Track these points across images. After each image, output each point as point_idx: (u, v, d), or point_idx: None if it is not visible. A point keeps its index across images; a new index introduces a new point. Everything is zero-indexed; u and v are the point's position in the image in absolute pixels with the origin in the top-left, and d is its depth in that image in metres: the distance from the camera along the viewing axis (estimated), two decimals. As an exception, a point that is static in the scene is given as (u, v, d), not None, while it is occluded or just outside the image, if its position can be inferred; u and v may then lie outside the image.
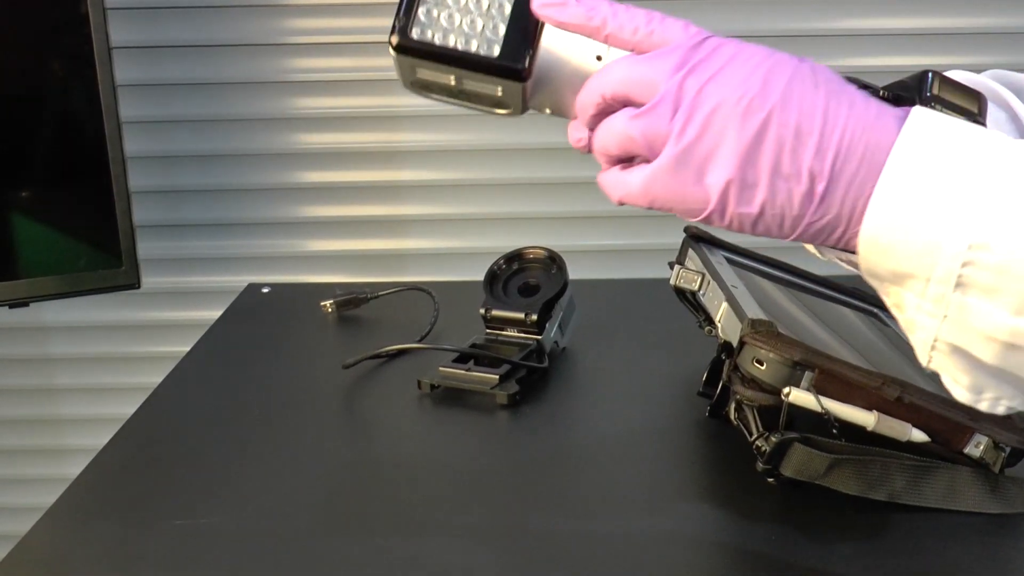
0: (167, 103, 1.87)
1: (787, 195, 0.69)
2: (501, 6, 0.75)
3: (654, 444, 1.12)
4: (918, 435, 0.95)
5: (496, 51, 0.75)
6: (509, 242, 1.51)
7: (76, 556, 0.95)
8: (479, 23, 0.75)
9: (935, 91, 0.78)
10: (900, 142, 0.68)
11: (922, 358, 0.72)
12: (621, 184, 0.74)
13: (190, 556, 0.94)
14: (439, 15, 0.76)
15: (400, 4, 0.76)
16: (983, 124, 0.77)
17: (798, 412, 0.95)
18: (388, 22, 0.77)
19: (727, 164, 0.69)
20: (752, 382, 0.98)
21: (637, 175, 0.72)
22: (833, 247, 0.73)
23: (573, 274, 1.35)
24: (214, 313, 1.56)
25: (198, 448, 1.13)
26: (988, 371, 0.70)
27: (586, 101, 0.75)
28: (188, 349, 1.40)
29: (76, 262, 1.54)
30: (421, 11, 0.76)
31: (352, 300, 1.52)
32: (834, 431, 0.94)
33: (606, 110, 0.74)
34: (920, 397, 0.96)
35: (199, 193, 1.92)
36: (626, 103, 0.73)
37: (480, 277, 1.37)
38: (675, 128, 0.70)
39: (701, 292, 1.11)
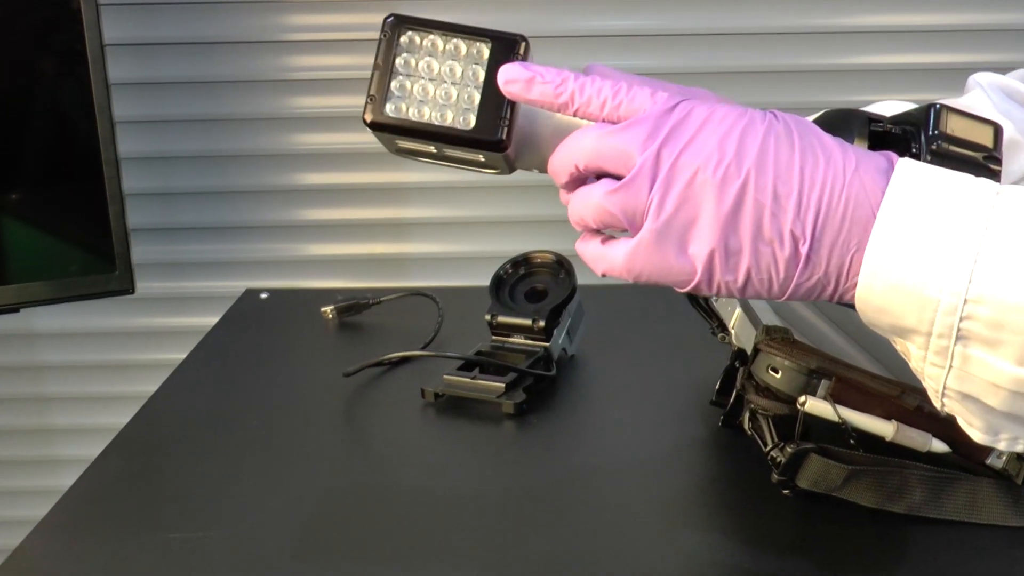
0: (162, 102, 1.88)
1: (771, 259, 0.71)
2: (475, 73, 0.76)
3: (665, 454, 1.12)
4: (938, 445, 0.95)
5: (472, 122, 0.76)
6: (516, 246, 1.51)
7: (68, 570, 0.95)
8: (453, 92, 0.76)
9: (942, 127, 0.78)
10: (887, 200, 0.70)
11: (935, 403, 0.74)
12: (603, 259, 0.75)
13: (185, 571, 0.94)
14: (412, 87, 0.77)
15: (372, 77, 0.77)
16: (998, 156, 0.78)
17: (814, 422, 0.95)
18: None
19: (709, 233, 0.71)
20: (767, 391, 0.99)
21: (619, 249, 0.74)
22: (828, 302, 0.74)
23: (581, 279, 1.36)
24: (210, 319, 1.56)
25: (193, 459, 1.14)
26: (1000, 415, 0.72)
27: (559, 168, 0.76)
28: (183, 357, 1.40)
29: (68, 267, 1.54)
30: (394, 84, 0.77)
31: (353, 306, 1.53)
32: (851, 441, 0.95)
33: (579, 178, 0.75)
34: (941, 406, 0.96)
35: (195, 195, 1.92)
36: (600, 174, 0.74)
37: (486, 282, 1.37)
38: (654, 201, 0.71)
39: (714, 297, 1.12)
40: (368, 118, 0.77)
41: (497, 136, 0.76)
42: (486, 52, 0.76)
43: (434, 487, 1.07)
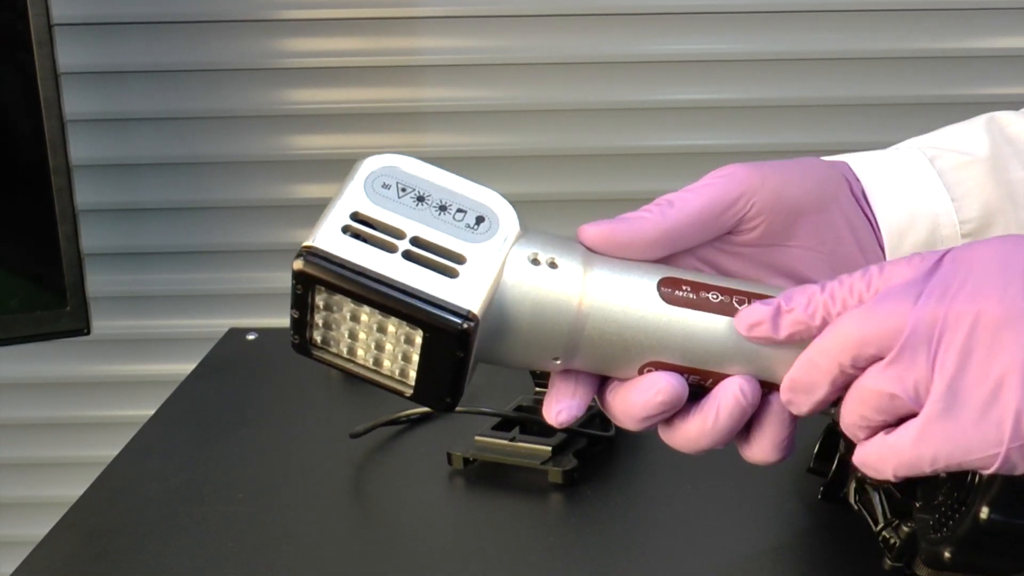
0: (125, 96, 1.89)
1: None
2: (408, 343, 0.77)
3: (751, 535, 1.12)
4: (1095, 523, 0.95)
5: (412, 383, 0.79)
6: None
7: None
8: (388, 347, 0.77)
9: None
10: None
11: None
12: (889, 452, 0.72)
13: None
14: (338, 345, 0.78)
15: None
16: None
17: (936, 494, 0.96)
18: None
19: (1012, 388, 0.68)
20: (877, 455, 0.99)
21: (905, 434, 0.71)
22: None
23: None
24: (185, 367, 1.57)
25: (163, 541, 1.15)
26: None
27: (816, 380, 0.74)
28: (151, 413, 1.41)
29: (7, 301, 1.55)
30: (316, 335, 0.77)
31: (362, 349, 1.54)
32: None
33: (844, 381, 0.73)
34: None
35: (166, 212, 1.93)
36: (870, 362, 0.72)
37: (527, 320, 1.38)
38: (934, 363, 0.69)
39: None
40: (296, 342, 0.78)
41: (444, 406, 0.78)
42: (418, 339, 0.76)
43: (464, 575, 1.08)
